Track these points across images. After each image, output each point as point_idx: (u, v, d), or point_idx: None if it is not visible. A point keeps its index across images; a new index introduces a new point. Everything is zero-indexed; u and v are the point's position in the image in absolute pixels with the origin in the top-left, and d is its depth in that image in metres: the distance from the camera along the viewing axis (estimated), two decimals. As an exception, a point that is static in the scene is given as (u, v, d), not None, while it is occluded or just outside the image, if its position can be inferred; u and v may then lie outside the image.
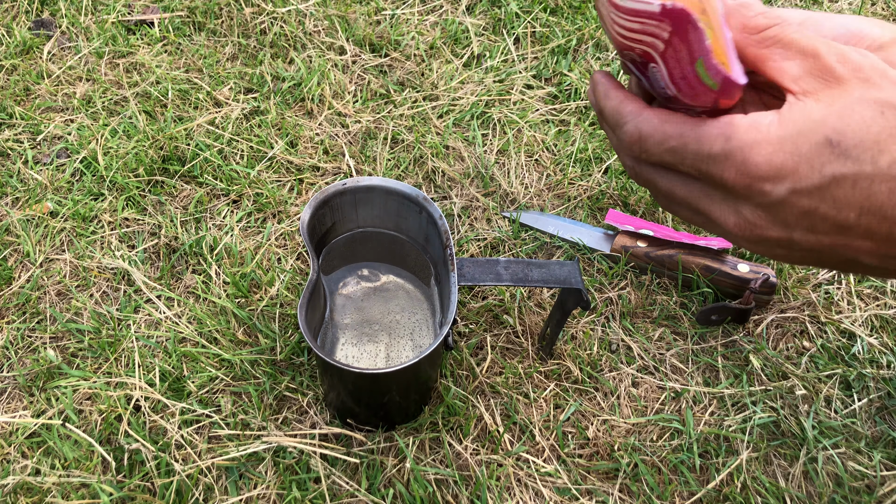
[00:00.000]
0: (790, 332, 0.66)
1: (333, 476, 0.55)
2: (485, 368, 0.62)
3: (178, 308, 0.66)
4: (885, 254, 0.29)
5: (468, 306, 0.67)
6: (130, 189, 0.74)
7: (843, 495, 0.56)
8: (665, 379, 0.62)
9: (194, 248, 0.70)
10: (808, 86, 0.29)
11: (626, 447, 0.58)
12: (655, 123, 0.32)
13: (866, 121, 0.28)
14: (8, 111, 0.83)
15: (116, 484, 0.54)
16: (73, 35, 0.93)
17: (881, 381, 0.63)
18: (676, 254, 0.67)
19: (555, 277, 0.53)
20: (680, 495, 0.56)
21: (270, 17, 0.93)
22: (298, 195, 0.75)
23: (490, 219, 0.74)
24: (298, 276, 0.68)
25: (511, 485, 0.56)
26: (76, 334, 0.64)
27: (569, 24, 0.94)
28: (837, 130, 0.28)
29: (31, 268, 0.68)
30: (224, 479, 0.55)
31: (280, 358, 0.62)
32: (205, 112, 0.83)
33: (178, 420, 0.57)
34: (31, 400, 0.60)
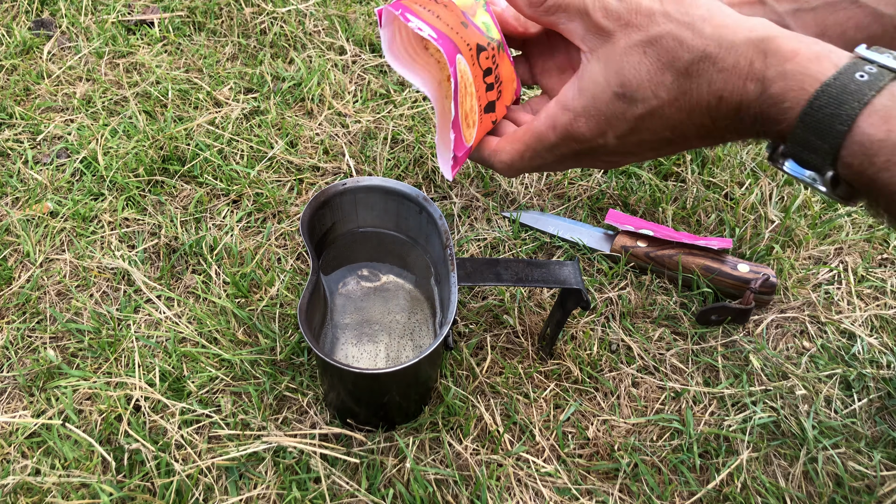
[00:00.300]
0: (790, 332, 0.66)
1: (333, 476, 0.55)
2: (485, 368, 0.62)
3: (178, 308, 0.66)
4: (688, 143, 0.38)
5: (468, 306, 0.67)
6: (130, 189, 0.74)
7: (843, 495, 0.56)
8: (665, 379, 0.62)
9: (194, 248, 0.70)
10: (591, 43, 0.36)
11: (626, 447, 0.58)
12: (508, 150, 0.42)
13: (635, 66, 0.34)
14: (8, 111, 0.83)
15: (116, 484, 0.54)
16: (73, 35, 0.93)
17: (881, 381, 0.63)
18: (676, 254, 0.67)
19: (555, 277, 0.53)
20: (680, 495, 0.56)
21: (270, 17, 0.93)
22: (298, 195, 0.75)
23: (490, 219, 0.74)
24: (298, 276, 0.68)
25: (511, 485, 0.56)
26: (76, 334, 0.64)
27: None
28: (619, 84, 0.35)
29: (31, 268, 0.68)
30: (224, 479, 0.55)
31: (280, 358, 0.62)
32: (205, 112, 0.83)
33: (178, 420, 0.57)
34: (31, 400, 0.60)
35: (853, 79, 0.29)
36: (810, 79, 0.30)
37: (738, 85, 0.32)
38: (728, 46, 0.32)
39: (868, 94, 0.29)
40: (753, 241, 0.72)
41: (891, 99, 0.29)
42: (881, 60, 0.30)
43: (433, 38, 0.39)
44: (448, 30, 0.41)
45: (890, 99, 0.29)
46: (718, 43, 0.33)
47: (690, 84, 0.34)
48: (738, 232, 0.72)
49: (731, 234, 0.72)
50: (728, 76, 0.33)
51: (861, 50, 0.31)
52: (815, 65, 0.30)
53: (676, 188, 0.76)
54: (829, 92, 0.30)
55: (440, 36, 0.39)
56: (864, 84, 0.29)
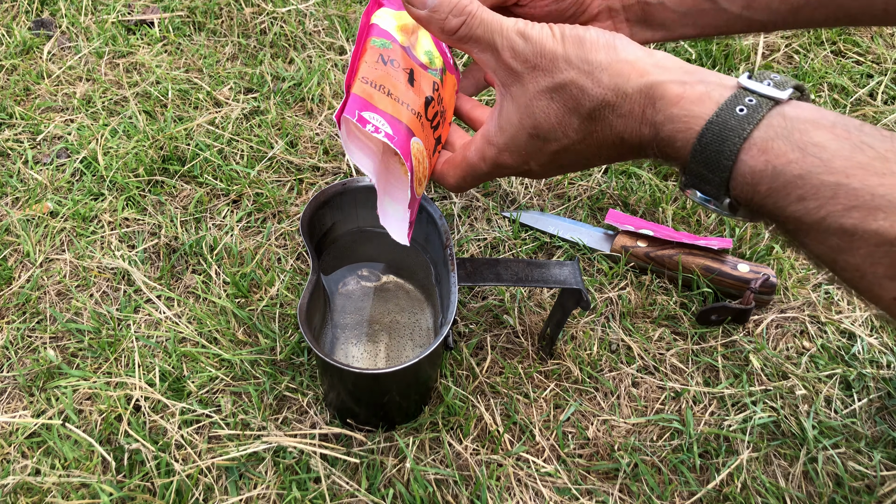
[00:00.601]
0: (790, 332, 0.66)
1: (333, 476, 0.55)
2: (485, 368, 0.62)
3: (178, 308, 0.66)
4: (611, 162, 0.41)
5: (468, 306, 0.67)
6: (130, 189, 0.74)
7: (843, 495, 0.56)
8: (665, 379, 0.62)
9: (194, 248, 0.70)
10: (502, 78, 0.40)
11: (626, 447, 0.58)
12: (451, 174, 0.47)
13: (544, 110, 0.38)
14: (8, 111, 0.83)
15: (116, 484, 0.54)
16: (73, 35, 0.93)
17: (881, 381, 0.62)
18: (676, 254, 0.67)
19: (555, 277, 0.53)
20: (680, 495, 0.56)
21: (270, 17, 0.93)
22: (298, 195, 0.75)
23: (490, 219, 0.74)
24: (298, 276, 0.68)
25: (511, 485, 0.56)
26: (76, 334, 0.64)
27: (569, 24, 0.94)
28: (532, 126, 0.39)
29: (31, 268, 0.68)
30: (224, 479, 0.55)
31: (280, 358, 0.62)
32: (205, 112, 0.83)
33: (178, 420, 0.57)
34: (31, 400, 0.60)
35: (733, 114, 0.32)
36: (696, 119, 0.33)
37: (636, 128, 0.36)
38: (623, 95, 0.36)
39: (747, 129, 0.31)
40: (753, 240, 0.72)
41: (767, 130, 0.31)
42: (760, 90, 0.32)
43: (389, 138, 0.42)
44: (400, 108, 0.44)
45: (767, 131, 0.31)
46: (615, 92, 0.36)
47: (595, 126, 0.38)
48: (738, 232, 0.72)
49: (731, 234, 0.72)
50: (626, 121, 0.36)
51: (743, 79, 0.33)
52: (698, 106, 0.33)
53: (676, 188, 0.76)
54: (712, 129, 0.32)
55: (395, 131, 0.42)
56: (743, 119, 0.32)
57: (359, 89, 0.43)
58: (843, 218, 0.29)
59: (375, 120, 0.42)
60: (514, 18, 0.39)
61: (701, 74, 0.34)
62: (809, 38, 0.92)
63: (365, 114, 0.42)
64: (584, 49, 0.37)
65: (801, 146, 0.30)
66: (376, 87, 0.43)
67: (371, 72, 0.43)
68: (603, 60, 0.36)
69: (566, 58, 0.37)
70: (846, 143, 0.29)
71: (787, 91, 0.32)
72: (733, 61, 0.88)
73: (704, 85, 0.34)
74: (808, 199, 0.30)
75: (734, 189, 0.33)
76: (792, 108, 0.32)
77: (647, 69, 0.35)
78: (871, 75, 0.88)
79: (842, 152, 0.29)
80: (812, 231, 0.31)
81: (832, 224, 0.29)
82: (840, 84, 0.86)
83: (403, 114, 0.44)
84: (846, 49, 0.91)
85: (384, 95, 0.43)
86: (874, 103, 0.85)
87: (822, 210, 0.29)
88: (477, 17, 0.39)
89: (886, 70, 0.88)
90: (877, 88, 0.86)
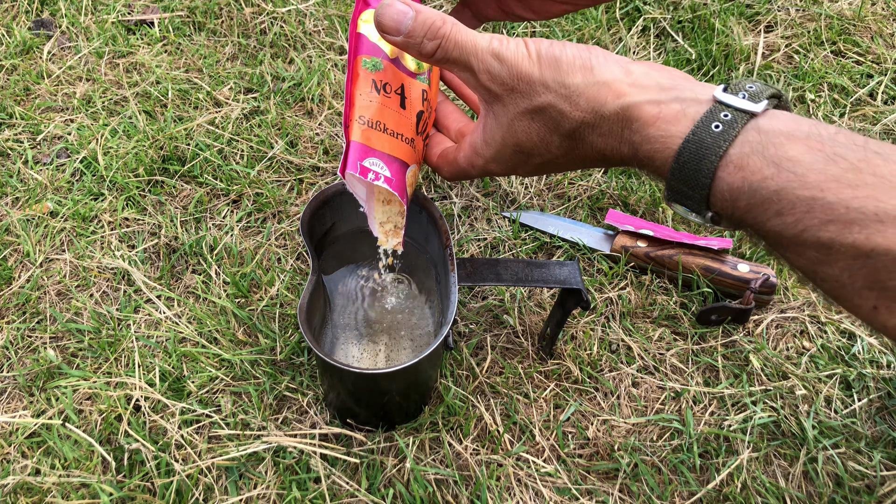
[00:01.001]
0: (790, 332, 0.66)
1: (333, 476, 0.55)
2: (485, 368, 0.62)
3: (178, 308, 0.66)
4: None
5: (468, 306, 0.67)
6: (130, 189, 0.74)
7: (843, 495, 0.56)
8: (665, 379, 0.62)
9: (194, 248, 0.70)
10: (483, 96, 0.40)
11: (626, 447, 0.58)
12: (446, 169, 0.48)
13: (526, 130, 0.39)
14: (8, 111, 0.83)
15: (116, 484, 0.54)
16: (73, 35, 0.93)
17: (881, 381, 0.63)
18: (676, 254, 0.67)
19: (555, 277, 0.53)
20: (680, 495, 0.56)
21: (270, 17, 0.93)
22: (298, 195, 0.75)
23: (490, 219, 0.74)
24: (298, 276, 0.68)
25: (511, 485, 0.56)
26: (76, 334, 0.64)
27: (569, 24, 0.94)
28: (514, 144, 0.40)
29: (31, 268, 0.68)
30: (224, 479, 0.55)
31: (280, 358, 0.62)
32: (205, 112, 0.83)
33: (178, 420, 0.57)
34: (31, 400, 0.60)
35: (709, 132, 0.32)
36: (672, 139, 0.33)
37: (616, 146, 0.36)
38: (601, 117, 0.36)
39: (723, 146, 0.32)
40: (753, 241, 0.72)
41: (743, 146, 0.32)
42: (735, 104, 0.32)
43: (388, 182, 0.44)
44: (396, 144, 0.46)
45: (742, 147, 0.32)
46: (593, 114, 0.36)
47: (576, 144, 0.38)
48: (738, 232, 0.72)
49: (730, 234, 0.72)
50: (606, 140, 0.37)
51: (718, 92, 0.33)
52: (673, 125, 0.33)
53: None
54: (689, 148, 0.32)
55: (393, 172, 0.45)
56: (719, 136, 0.32)
57: (357, 135, 0.44)
58: (819, 232, 0.29)
59: (375, 166, 0.45)
60: (489, 36, 0.39)
61: (677, 91, 0.34)
62: (809, 38, 0.92)
63: (365, 162, 0.44)
64: (560, 72, 0.37)
65: (777, 161, 0.30)
66: (373, 126, 0.45)
67: (367, 107, 0.45)
68: (580, 84, 0.36)
69: (543, 82, 0.37)
70: (820, 155, 0.30)
71: (762, 103, 0.32)
72: (733, 61, 0.88)
73: (679, 103, 0.34)
74: (785, 213, 0.30)
75: (714, 205, 0.33)
76: (767, 121, 0.32)
77: (624, 90, 0.35)
78: (871, 75, 0.88)
79: (816, 165, 0.29)
80: (791, 245, 0.31)
81: (809, 238, 0.30)
82: (840, 84, 0.86)
83: (399, 148, 0.46)
84: (846, 49, 0.91)
85: (381, 133, 0.45)
86: (874, 103, 0.85)
87: (800, 224, 0.30)
88: (451, 39, 0.39)
89: (886, 70, 0.88)
90: (877, 88, 0.86)
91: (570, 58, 0.37)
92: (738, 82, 0.33)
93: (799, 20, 0.95)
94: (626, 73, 0.36)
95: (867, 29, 0.93)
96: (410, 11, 0.39)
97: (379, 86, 0.46)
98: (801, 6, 0.96)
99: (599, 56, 0.37)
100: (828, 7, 0.96)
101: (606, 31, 0.92)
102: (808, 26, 0.93)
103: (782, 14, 0.95)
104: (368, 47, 0.46)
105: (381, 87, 0.46)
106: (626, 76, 0.36)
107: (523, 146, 0.40)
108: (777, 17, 0.95)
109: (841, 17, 0.94)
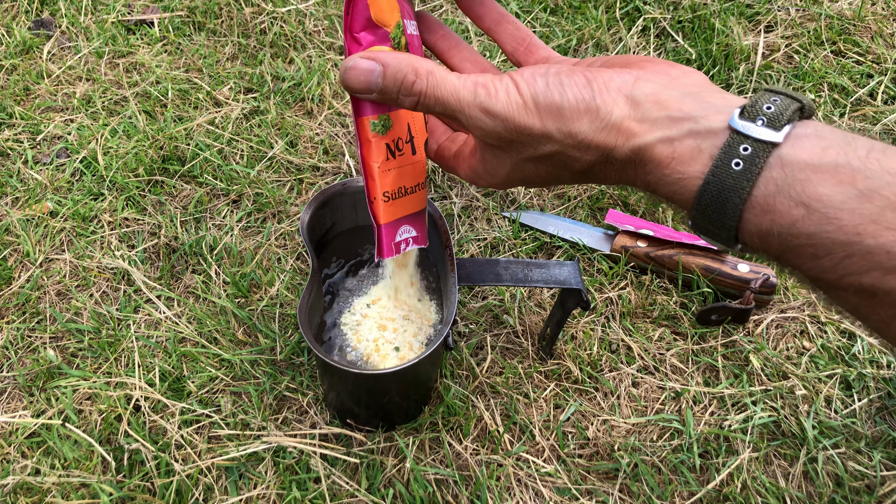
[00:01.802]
0: (790, 332, 0.66)
1: (333, 476, 0.55)
2: (485, 368, 0.62)
3: (178, 308, 0.66)
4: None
5: (468, 306, 0.67)
6: (130, 189, 0.74)
7: (843, 495, 0.56)
8: (665, 379, 0.62)
9: (194, 248, 0.70)
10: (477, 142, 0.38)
11: (626, 447, 0.58)
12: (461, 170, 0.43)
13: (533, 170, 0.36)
14: (8, 111, 0.83)
15: (116, 484, 0.54)
16: (73, 35, 0.93)
17: (881, 381, 0.62)
18: (676, 254, 0.67)
19: (555, 278, 0.53)
20: (680, 495, 0.56)
21: (270, 17, 0.93)
22: (298, 195, 0.75)
23: (490, 219, 0.74)
24: (298, 276, 0.68)
25: (511, 485, 0.56)
26: (76, 334, 0.64)
27: (569, 23, 0.94)
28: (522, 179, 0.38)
29: (31, 268, 0.68)
30: (224, 479, 0.55)
31: (280, 358, 0.62)
32: (205, 112, 0.83)
33: (178, 420, 0.57)
34: (31, 400, 0.60)
35: (729, 172, 0.30)
36: (691, 180, 0.31)
37: (632, 180, 0.34)
38: (613, 159, 0.34)
39: (746, 187, 0.29)
40: (753, 241, 0.72)
41: (767, 185, 0.29)
42: (754, 133, 0.30)
43: (416, 241, 0.45)
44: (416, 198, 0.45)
45: (767, 185, 0.29)
46: (604, 157, 0.34)
47: (591, 176, 0.36)
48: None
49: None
50: (621, 174, 0.34)
51: (735, 120, 0.30)
52: (690, 166, 0.31)
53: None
54: (709, 191, 0.30)
55: (417, 227, 0.46)
56: (740, 175, 0.30)
57: (385, 216, 0.43)
58: (861, 278, 0.28)
59: (405, 234, 0.45)
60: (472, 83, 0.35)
61: (690, 122, 0.31)
62: (809, 38, 0.92)
63: (397, 237, 0.45)
64: (564, 121, 0.34)
65: (805, 202, 0.28)
66: (397, 196, 0.44)
67: (388, 181, 0.43)
68: (587, 131, 0.33)
69: (546, 133, 0.34)
70: (852, 191, 0.27)
71: (783, 130, 0.29)
72: (733, 61, 0.88)
73: (693, 138, 0.31)
74: (821, 257, 0.28)
75: (744, 243, 0.31)
76: (791, 149, 0.29)
77: (633, 129, 0.33)
78: (871, 75, 0.88)
79: (849, 204, 0.27)
80: (832, 288, 0.29)
81: (851, 283, 0.28)
82: (840, 84, 0.86)
83: (419, 198, 0.45)
84: (846, 49, 0.91)
85: (403, 197, 0.44)
86: (874, 103, 0.85)
87: (839, 269, 0.28)
88: (429, 95, 0.35)
89: (886, 70, 0.88)
90: (877, 88, 0.86)
91: (573, 102, 0.34)
92: (756, 102, 0.30)
93: (799, 20, 0.95)
94: (633, 105, 0.33)
95: (867, 29, 0.93)
96: (377, 67, 0.35)
97: (392, 147, 0.43)
98: (801, 6, 0.96)
99: (602, 89, 0.34)
100: (828, 7, 0.96)
101: (606, 30, 0.92)
102: (808, 26, 0.93)
103: (782, 14, 0.95)
104: (373, 105, 0.41)
105: (395, 147, 0.43)
106: (634, 110, 0.33)
107: (532, 181, 0.38)
108: (777, 17, 0.95)
109: (841, 17, 0.94)
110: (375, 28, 0.38)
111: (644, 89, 0.33)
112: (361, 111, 0.41)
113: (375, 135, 0.42)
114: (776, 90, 0.31)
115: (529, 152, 0.35)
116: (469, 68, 0.44)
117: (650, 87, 0.33)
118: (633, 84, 0.33)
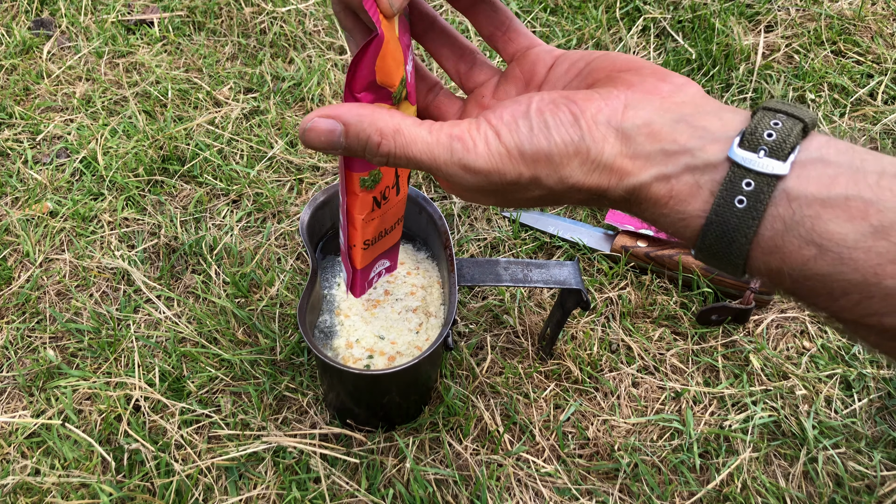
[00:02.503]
0: (790, 332, 0.66)
1: (333, 476, 0.55)
2: (485, 368, 0.62)
3: (178, 308, 0.66)
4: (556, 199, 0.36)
5: (468, 306, 0.67)
6: (130, 189, 0.74)
7: (843, 495, 0.56)
8: (665, 379, 0.62)
9: (194, 248, 0.70)
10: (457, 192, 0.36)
11: (626, 447, 0.58)
12: None
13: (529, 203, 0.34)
14: (8, 111, 0.83)
15: (116, 484, 0.54)
16: (73, 35, 0.93)
17: (881, 381, 0.62)
18: (676, 253, 0.67)
19: (555, 278, 0.53)
20: (680, 495, 0.56)
21: (270, 16, 0.93)
22: (298, 195, 0.75)
23: (490, 219, 0.74)
24: (298, 276, 0.68)
25: (511, 485, 0.56)
26: (76, 334, 0.64)
27: (569, 23, 0.94)
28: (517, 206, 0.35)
29: (31, 268, 0.68)
30: (224, 479, 0.55)
31: (280, 358, 0.62)
32: (205, 112, 0.83)
33: (178, 420, 0.57)
34: (30, 400, 0.60)
35: (732, 210, 0.28)
36: (692, 219, 0.29)
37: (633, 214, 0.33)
38: (608, 198, 0.32)
39: (751, 226, 0.28)
40: (753, 241, 0.72)
41: (774, 224, 0.28)
42: (756, 167, 0.28)
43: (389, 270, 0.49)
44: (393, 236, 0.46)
45: (773, 224, 0.28)
46: (599, 195, 0.32)
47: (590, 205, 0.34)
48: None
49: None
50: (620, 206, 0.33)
51: (734, 151, 0.28)
52: (689, 204, 0.29)
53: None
54: (713, 230, 0.29)
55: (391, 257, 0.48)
56: (744, 213, 0.28)
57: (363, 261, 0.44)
58: (884, 319, 0.26)
59: (379, 269, 0.47)
60: (446, 136, 0.32)
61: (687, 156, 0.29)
62: (809, 38, 0.92)
63: (371, 275, 0.46)
64: (553, 166, 0.31)
65: (816, 241, 0.26)
66: (376, 241, 0.44)
67: (369, 228, 0.42)
68: (578, 175, 0.31)
69: (536, 180, 0.32)
70: (865, 227, 0.26)
71: (788, 160, 0.28)
72: (733, 61, 0.88)
73: (691, 173, 0.29)
74: (839, 298, 0.27)
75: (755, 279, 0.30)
76: (797, 181, 0.27)
77: (626, 168, 0.31)
78: (871, 75, 0.88)
79: (863, 242, 0.26)
80: (851, 327, 0.28)
81: (873, 324, 0.27)
82: (840, 84, 0.86)
83: (395, 234, 0.46)
84: (846, 49, 0.91)
85: (382, 238, 0.45)
86: (874, 103, 0.85)
87: (858, 310, 0.27)
88: (399, 157, 0.32)
89: (886, 70, 0.88)
90: (877, 88, 0.86)
91: (561, 146, 0.31)
92: (757, 128, 0.28)
93: (799, 20, 0.95)
94: (625, 140, 0.31)
95: (867, 29, 0.93)
96: (338, 127, 0.32)
97: (379, 199, 0.41)
98: (801, 6, 0.96)
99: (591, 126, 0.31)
100: (828, 7, 0.95)
101: (606, 31, 0.92)
102: (809, 26, 0.93)
103: (782, 14, 0.95)
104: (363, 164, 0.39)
105: (381, 197, 0.41)
106: (626, 146, 0.31)
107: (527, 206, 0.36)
108: (777, 16, 0.95)
109: (841, 17, 0.94)
110: (378, 88, 0.35)
111: (635, 120, 0.31)
112: (351, 166, 0.38)
113: (365, 190, 0.39)
114: (777, 108, 0.29)
115: (520, 195, 0.33)
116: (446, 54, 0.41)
117: (641, 115, 0.31)
118: (623, 114, 0.31)
